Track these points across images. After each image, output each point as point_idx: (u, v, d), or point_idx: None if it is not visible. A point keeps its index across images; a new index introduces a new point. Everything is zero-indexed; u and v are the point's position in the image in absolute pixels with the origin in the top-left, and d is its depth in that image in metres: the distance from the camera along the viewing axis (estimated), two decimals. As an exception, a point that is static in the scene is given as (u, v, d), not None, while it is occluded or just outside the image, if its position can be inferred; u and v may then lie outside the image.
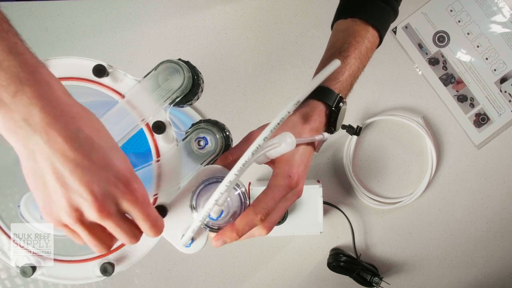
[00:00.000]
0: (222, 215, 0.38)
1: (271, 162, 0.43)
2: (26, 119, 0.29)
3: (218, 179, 0.39)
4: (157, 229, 0.35)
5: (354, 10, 0.53)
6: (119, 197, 0.32)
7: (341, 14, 0.54)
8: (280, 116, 0.35)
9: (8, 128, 0.29)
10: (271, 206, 0.38)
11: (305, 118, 0.45)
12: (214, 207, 0.36)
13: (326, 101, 0.46)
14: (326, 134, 0.47)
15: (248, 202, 0.39)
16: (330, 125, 0.48)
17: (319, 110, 0.46)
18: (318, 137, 0.45)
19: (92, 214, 0.31)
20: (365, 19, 0.51)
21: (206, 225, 0.39)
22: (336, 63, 0.35)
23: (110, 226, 0.32)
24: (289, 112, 0.35)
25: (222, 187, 0.35)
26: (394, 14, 0.55)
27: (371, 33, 0.52)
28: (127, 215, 0.34)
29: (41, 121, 0.29)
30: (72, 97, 0.32)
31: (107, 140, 0.33)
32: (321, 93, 0.47)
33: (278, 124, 0.35)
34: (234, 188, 0.39)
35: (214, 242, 0.38)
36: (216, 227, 0.39)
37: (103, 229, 0.33)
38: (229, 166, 0.42)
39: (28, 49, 0.31)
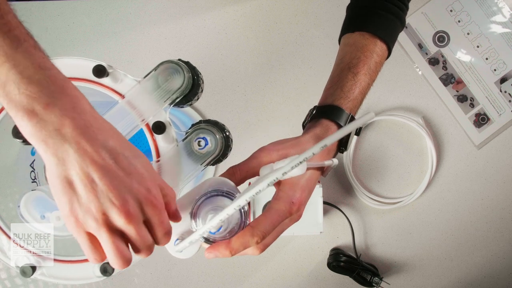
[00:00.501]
0: (220, 230, 0.39)
1: (276, 183, 0.42)
2: (57, 129, 0.30)
3: (223, 193, 0.40)
4: (169, 236, 0.37)
5: (361, 24, 0.52)
6: (143, 202, 0.33)
7: (347, 27, 0.53)
8: (304, 155, 0.35)
9: (39, 138, 0.31)
10: (269, 230, 0.39)
11: (318, 139, 0.45)
12: (217, 224, 0.37)
13: (338, 121, 0.46)
14: (335, 160, 0.46)
15: (247, 221, 0.40)
16: (342, 146, 0.48)
17: (332, 131, 0.46)
18: (327, 162, 0.44)
19: (119, 219, 0.32)
20: (373, 32, 0.51)
21: (202, 236, 0.39)
22: (370, 115, 0.35)
23: (133, 233, 0.33)
24: (314, 154, 0.35)
25: (230, 209, 0.36)
26: (401, 24, 0.54)
27: (379, 47, 0.51)
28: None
29: (72, 131, 0.31)
30: (96, 111, 0.34)
31: (130, 149, 0.35)
32: (333, 113, 0.46)
33: (301, 162, 0.35)
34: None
35: (207, 254, 0.39)
36: (211, 240, 0.40)
37: (124, 241, 0.34)
38: (235, 184, 0.43)
39: (54, 64, 0.33)
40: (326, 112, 0.47)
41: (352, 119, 0.47)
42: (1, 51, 0.30)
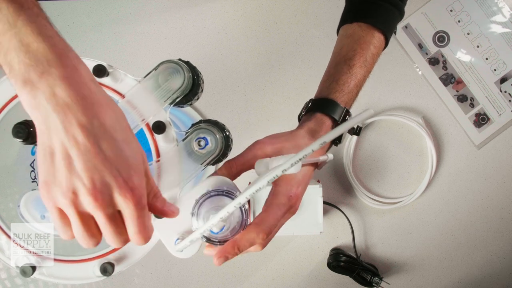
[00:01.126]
0: (223, 230, 0.39)
1: None
2: (48, 98, 0.30)
3: (223, 193, 0.40)
4: (143, 236, 0.34)
5: (359, 14, 0.52)
6: (116, 190, 0.31)
7: (346, 18, 0.54)
8: (303, 152, 0.35)
9: (32, 105, 0.30)
10: (273, 226, 0.40)
11: (312, 134, 0.45)
12: (218, 222, 0.37)
13: (333, 115, 0.46)
14: (330, 155, 0.47)
15: (248, 220, 0.40)
16: (336, 139, 0.48)
17: (326, 126, 0.46)
18: (322, 158, 0.45)
19: (86, 201, 0.31)
20: (371, 23, 0.51)
21: (204, 236, 0.39)
22: (369, 112, 0.34)
23: (100, 218, 0.32)
24: (313, 150, 0.35)
25: (231, 207, 0.36)
26: (400, 14, 0.54)
27: (376, 38, 0.51)
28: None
29: (61, 102, 0.30)
30: (98, 84, 0.33)
31: (123, 132, 0.33)
32: (328, 107, 0.47)
33: (300, 159, 0.35)
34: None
35: (216, 260, 0.39)
36: (213, 239, 0.40)
37: (94, 222, 0.33)
38: (232, 177, 0.43)
39: (57, 32, 0.32)
40: (321, 106, 0.47)
41: (347, 113, 0.48)
42: (4, 18, 0.29)
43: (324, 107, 0.47)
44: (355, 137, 0.79)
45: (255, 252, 0.41)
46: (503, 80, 0.80)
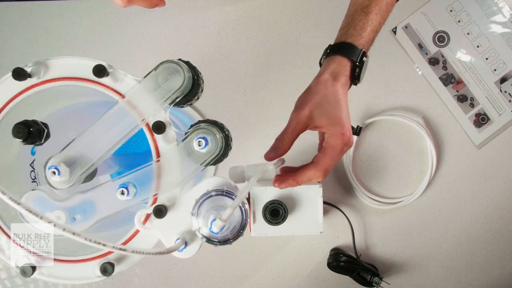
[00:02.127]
0: (223, 230, 0.40)
1: (317, 127, 0.48)
2: None
3: (223, 193, 0.41)
4: None
5: None
6: None
7: None
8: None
9: None
10: (330, 164, 0.46)
11: (334, 76, 0.50)
12: (218, 223, 0.37)
13: (351, 57, 0.50)
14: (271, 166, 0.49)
15: (247, 220, 0.42)
16: (355, 78, 0.52)
17: (345, 65, 0.51)
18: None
19: None
20: None
21: (204, 236, 0.40)
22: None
23: None
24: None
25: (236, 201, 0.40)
26: None
27: None
28: None
29: None
30: None
31: None
32: (346, 50, 0.51)
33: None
34: (239, 206, 0.41)
35: (278, 185, 0.46)
36: (213, 239, 0.41)
37: None
38: (288, 147, 0.48)
39: None
40: (340, 49, 0.51)
41: (364, 54, 0.51)
42: None
43: (343, 50, 0.51)
44: (355, 137, 0.79)
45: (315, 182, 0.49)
46: (503, 80, 0.80)
